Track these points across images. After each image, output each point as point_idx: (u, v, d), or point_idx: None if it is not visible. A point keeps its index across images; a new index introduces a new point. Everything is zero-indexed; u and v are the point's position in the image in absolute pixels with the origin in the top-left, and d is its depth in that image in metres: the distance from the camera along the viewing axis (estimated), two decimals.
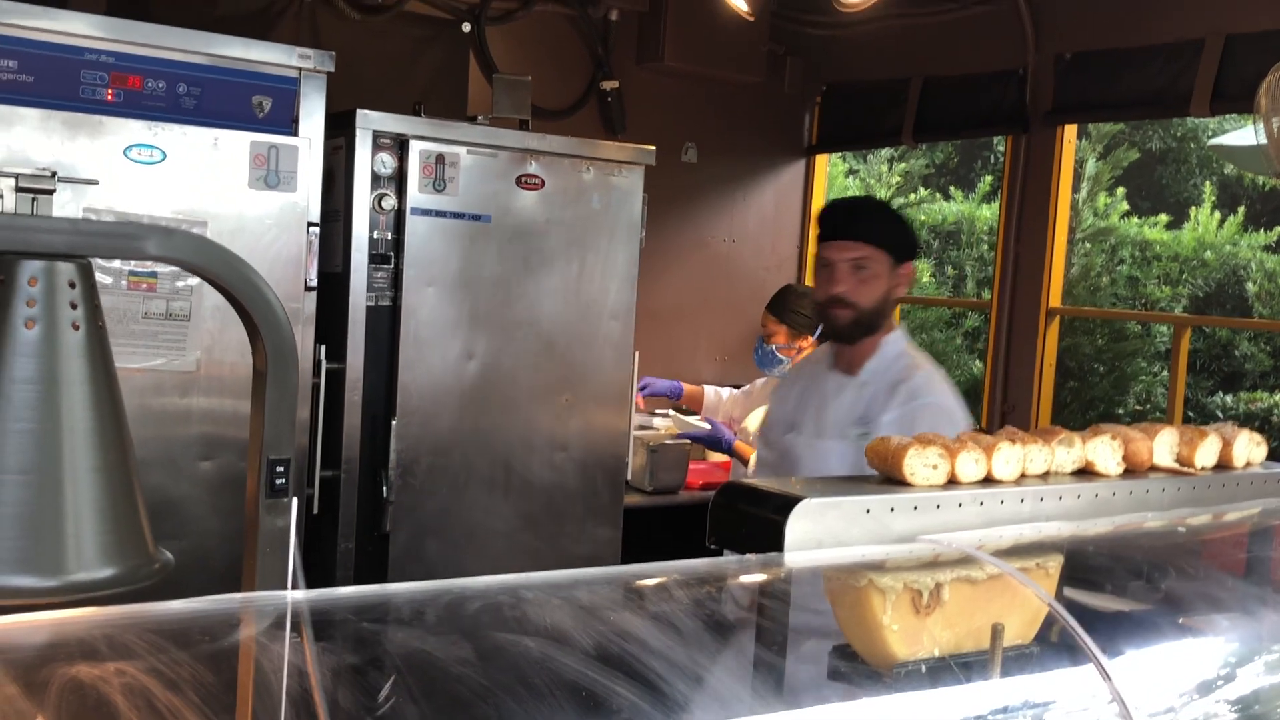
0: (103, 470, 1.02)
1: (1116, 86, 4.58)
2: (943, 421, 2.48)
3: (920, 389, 2.57)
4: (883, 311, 2.65)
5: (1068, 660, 1.42)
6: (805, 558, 1.39)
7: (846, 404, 2.62)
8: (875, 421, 2.51)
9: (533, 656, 1.05)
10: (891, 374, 2.62)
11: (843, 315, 2.61)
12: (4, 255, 0.99)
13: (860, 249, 2.60)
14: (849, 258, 2.59)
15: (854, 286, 2.59)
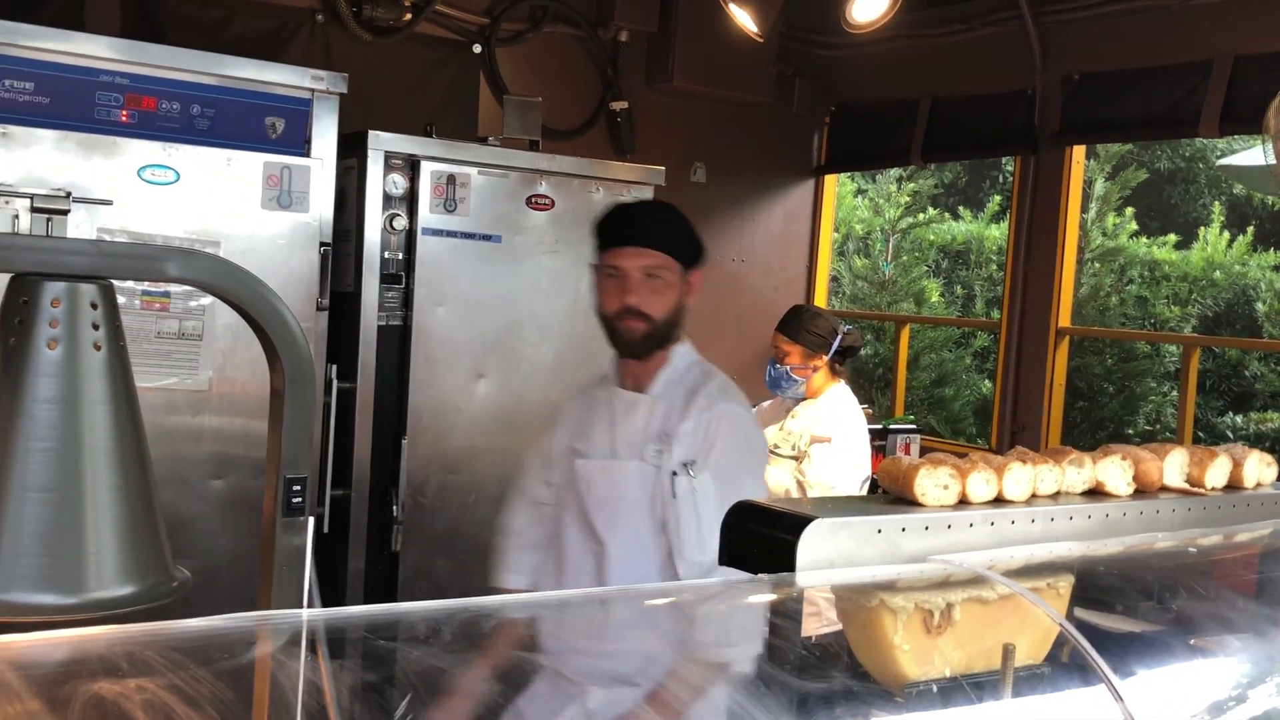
0: (123, 489, 1.03)
1: (1125, 107, 4.60)
2: (744, 429, 2.42)
3: (717, 396, 2.43)
4: (676, 322, 2.47)
5: (1079, 680, 1.42)
6: (817, 578, 1.39)
7: (640, 422, 2.43)
8: (673, 435, 2.35)
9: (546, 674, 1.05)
10: (685, 384, 2.47)
11: (635, 328, 2.41)
12: (28, 276, 1.00)
13: (652, 256, 2.38)
14: (641, 265, 2.37)
15: (647, 297, 2.38)
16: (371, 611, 1.24)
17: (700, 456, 2.29)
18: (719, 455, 2.30)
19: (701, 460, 2.29)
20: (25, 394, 1.00)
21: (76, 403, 1.01)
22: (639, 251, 2.38)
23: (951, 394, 9.08)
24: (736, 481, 2.20)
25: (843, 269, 9.67)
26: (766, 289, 5.76)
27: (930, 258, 9.93)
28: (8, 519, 0.97)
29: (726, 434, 2.33)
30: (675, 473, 2.28)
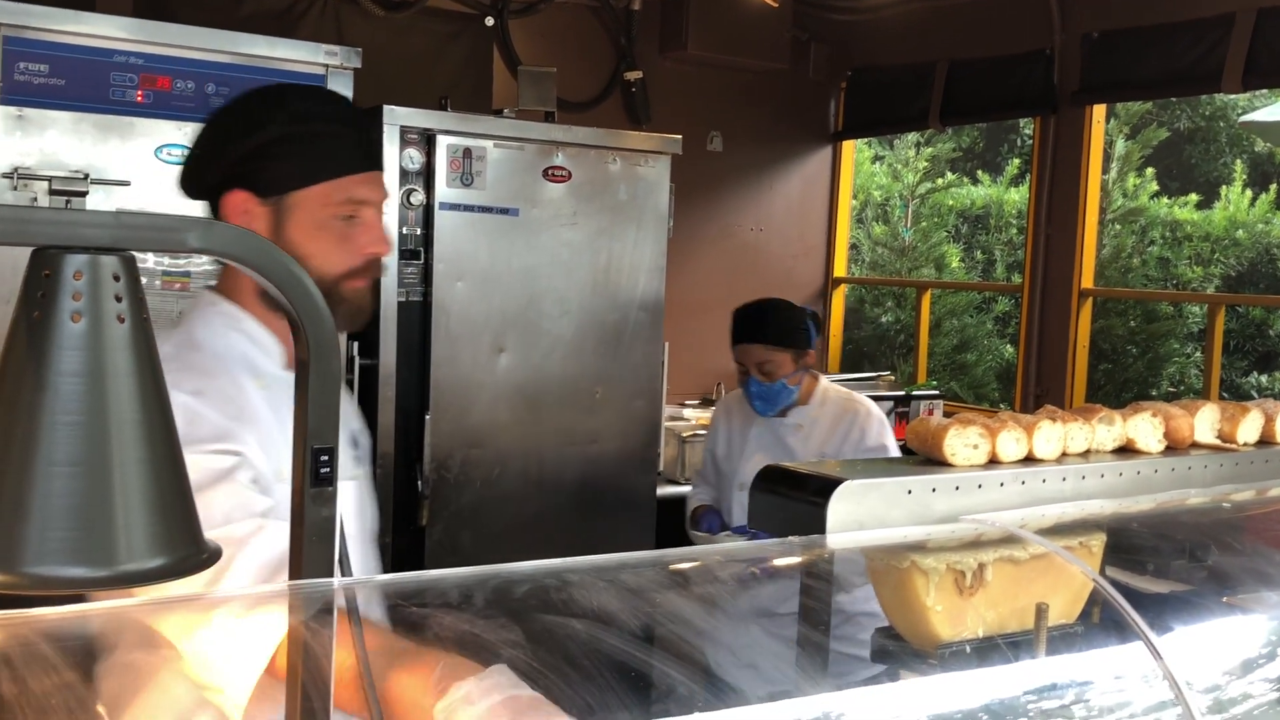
0: (151, 461, 1.03)
1: (1145, 65, 4.54)
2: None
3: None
4: None
5: (1115, 638, 1.41)
6: (847, 539, 1.38)
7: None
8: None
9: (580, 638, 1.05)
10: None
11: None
12: (49, 250, 1.00)
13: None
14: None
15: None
16: (404, 579, 1.24)
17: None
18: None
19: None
20: (50, 368, 0.99)
21: (101, 375, 1.00)
22: (381, 177, 1.91)
23: (974, 359, 9.04)
24: None
25: (862, 236, 9.62)
26: (786, 258, 5.74)
27: (950, 223, 9.86)
28: (37, 493, 0.96)
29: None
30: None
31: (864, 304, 9.03)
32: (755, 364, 3.39)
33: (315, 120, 1.65)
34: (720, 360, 5.53)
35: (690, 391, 5.30)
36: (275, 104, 1.66)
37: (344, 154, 1.67)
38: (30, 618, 0.93)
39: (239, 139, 1.64)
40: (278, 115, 1.64)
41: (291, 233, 1.64)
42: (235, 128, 1.66)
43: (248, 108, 1.67)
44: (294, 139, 1.63)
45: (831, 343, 5.88)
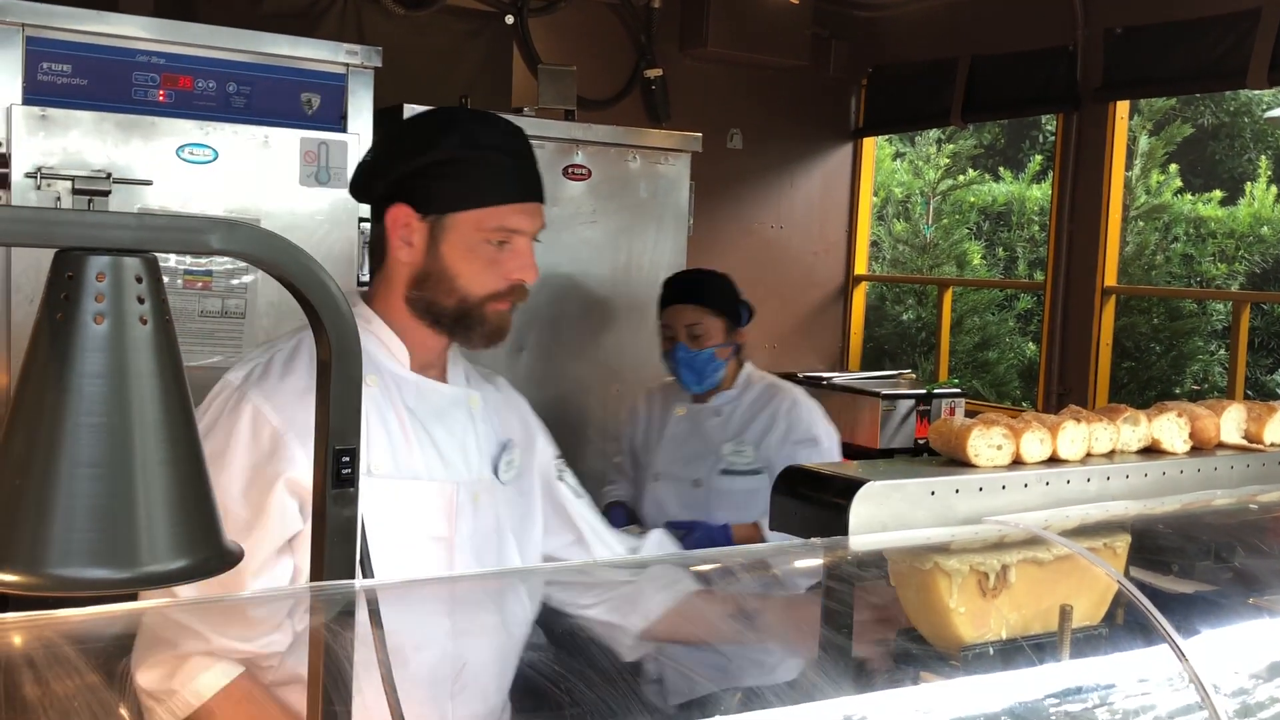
0: (173, 463, 1.03)
1: (1169, 61, 4.50)
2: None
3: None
4: None
5: (1140, 640, 1.39)
6: (869, 541, 1.37)
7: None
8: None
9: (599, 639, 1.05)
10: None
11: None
12: (72, 251, 1.00)
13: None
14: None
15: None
16: (424, 580, 1.24)
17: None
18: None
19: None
20: (73, 369, 0.99)
21: (124, 377, 1.00)
22: (541, 208, 1.98)
23: (995, 357, 9.00)
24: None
25: (882, 233, 9.59)
26: (806, 255, 5.72)
27: (971, 220, 9.82)
28: (60, 495, 0.96)
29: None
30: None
31: (885, 301, 9.00)
32: (685, 326, 3.15)
33: (483, 147, 1.70)
34: None
35: None
36: (447, 126, 1.72)
37: (504, 182, 1.72)
38: (54, 619, 0.93)
39: (408, 156, 1.70)
40: (448, 138, 1.70)
41: (445, 251, 1.70)
42: (406, 144, 1.72)
43: (421, 126, 1.74)
44: (459, 163, 1.69)
45: (852, 340, 5.86)
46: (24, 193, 2.88)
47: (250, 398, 1.64)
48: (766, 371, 3.39)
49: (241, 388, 1.66)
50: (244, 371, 1.70)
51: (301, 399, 1.60)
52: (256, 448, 1.61)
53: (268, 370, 1.68)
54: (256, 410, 1.62)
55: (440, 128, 1.72)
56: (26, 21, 2.89)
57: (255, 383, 1.66)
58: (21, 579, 0.98)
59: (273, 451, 1.60)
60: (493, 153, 1.70)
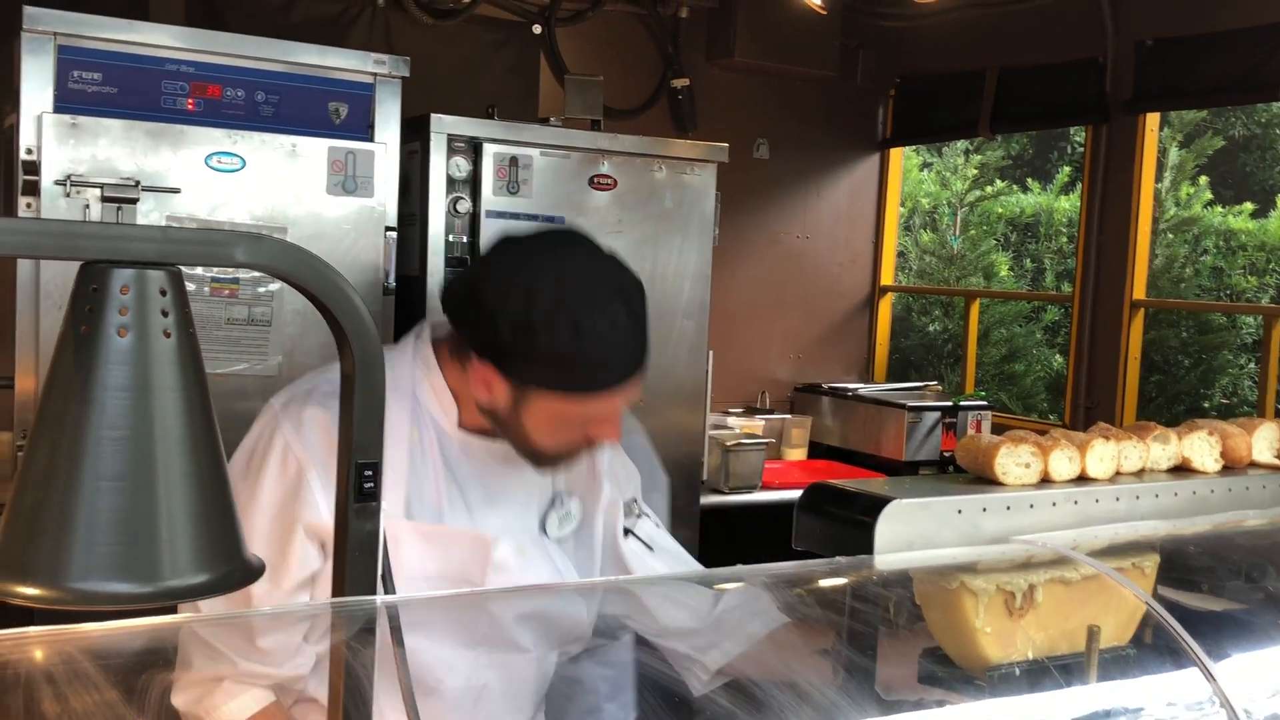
0: (195, 476, 1.03)
1: (1201, 73, 4.47)
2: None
3: None
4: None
5: (1169, 662, 1.38)
6: (896, 560, 1.36)
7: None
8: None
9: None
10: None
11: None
12: (96, 264, 1.00)
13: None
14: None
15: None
16: (448, 596, 1.23)
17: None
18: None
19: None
20: (96, 382, 0.99)
21: (148, 390, 1.00)
22: (639, 380, 1.71)
23: (1022, 369, 8.94)
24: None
25: (909, 244, 9.54)
26: (832, 265, 5.70)
27: (998, 231, 9.76)
28: (83, 508, 0.96)
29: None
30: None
31: (911, 312, 8.95)
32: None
33: (593, 339, 1.55)
34: (763, 369, 5.51)
35: (734, 400, 5.28)
36: (557, 312, 1.55)
37: (608, 376, 1.61)
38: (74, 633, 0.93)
39: (511, 325, 1.56)
40: (557, 324, 1.54)
41: (524, 416, 1.62)
42: (513, 307, 1.56)
43: (533, 296, 1.56)
44: (564, 356, 1.56)
45: (878, 352, 5.83)
46: (53, 200, 2.90)
47: (283, 430, 1.62)
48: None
49: (279, 416, 1.64)
50: (285, 398, 1.68)
51: (330, 434, 1.52)
52: (283, 484, 1.59)
53: (306, 399, 1.64)
54: (286, 445, 1.60)
55: (547, 310, 1.54)
56: (58, 30, 2.91)
57: (291, 413, 1.63)
58: (43, 592, 0.98)
59: (296, 491, 1.58)
60: (603, 344, 1.56)
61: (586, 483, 1.83)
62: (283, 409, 1.66)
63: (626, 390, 1.65)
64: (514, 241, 1.64)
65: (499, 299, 1.57)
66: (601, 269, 1.65)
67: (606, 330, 1.57)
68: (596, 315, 1.57)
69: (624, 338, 1.61)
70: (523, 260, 1.61)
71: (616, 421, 1.66)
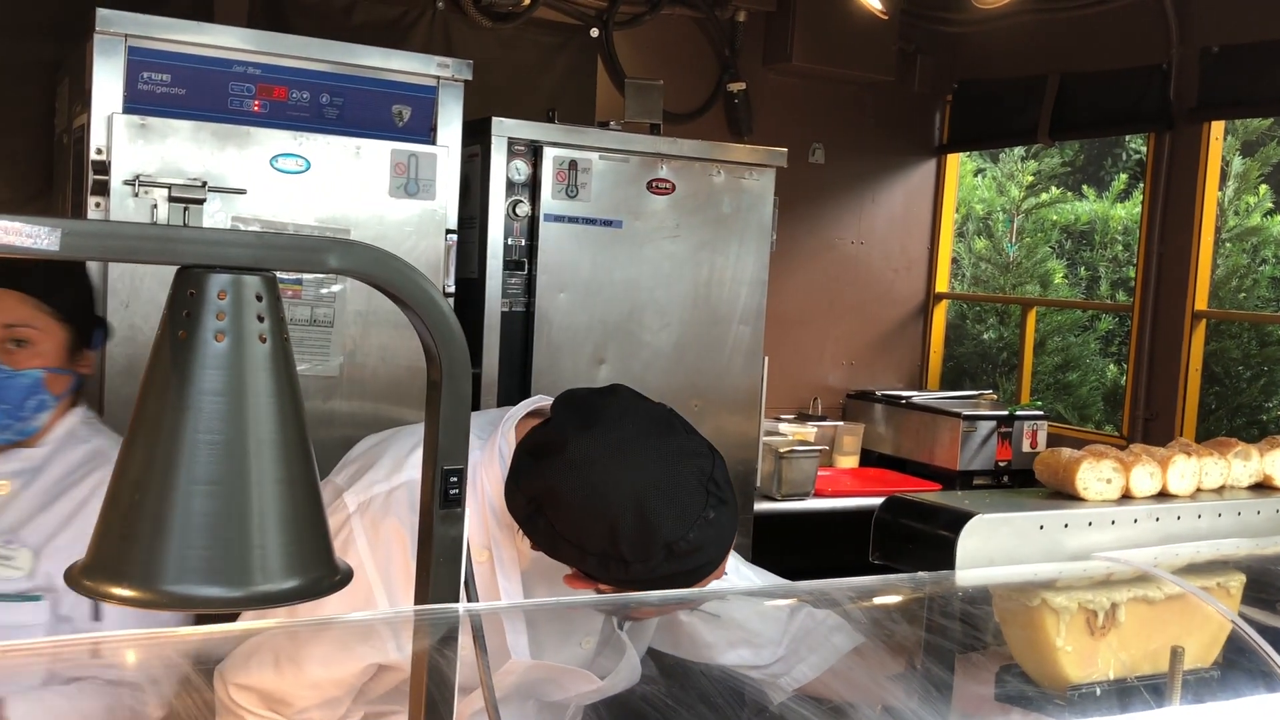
0: (287, 482, 1.03)
1: (1267, 80, 4.39)
2: None
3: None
4: None
5: (1258, 684, 1.35)
6: (977, 575, 1.34)
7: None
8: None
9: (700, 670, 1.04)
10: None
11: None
12: (194, 269, 1.00)
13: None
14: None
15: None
16: (524, 606, 1.23)
17: None
18: None
19: None
20: (192, 387, 1.00)
21: (242, 395, 1.00)
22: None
23: (1077, 379, 8.83)
24: None
25: (963, 250, 9.46)
26: (887, 271, 5.66)
27: (1054, 238, 9.65)
28: (177, 511, 0.97)
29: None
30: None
31: (965, 320, 8.87)
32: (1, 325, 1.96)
33: (692, 554, 1.44)
34: (816, 374, 5.48)
35: (786, 406, 5.25)
36: (648, 538, 1.42)
37: (710, 568, 1.48)
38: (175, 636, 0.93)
39: (599, 558, 1.45)
40: (653, 554, 1.43)
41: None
42: (597, 544, 1.44)
43: (617, 531, 1.43)
44: (665, 574, 1.45)
45: (932, 359, 5.78)
46: (122, 200, 2.93)
47: (357, 544, 1.51)
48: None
49: (353, 526, 1.53)
50: (362, 498, 1.55)
51: (405, 548, 1.49)
52: (352, 603, 1.46)
53: (386, 512, 1.52)
54: (360, 562, 1.49)
55: (640, 542, 1.43)
56: (129, 32, 2.94)
57: (367, 528, 1.51)
58: (137, 594, 0.98)
59: (367, 631, 1.47)
60: (697, 556, 1.45)
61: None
62: (359, 514, 1.53)
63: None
64: (566, 445, 1.47)
65: (579, 533, 1.44)
66: (675, 464, 1.49)
67: (702, 539, 1.45)
68: (692, 533, 1.45)
69: (718, 533, 1.48)
70: (589, 480, 1.45)
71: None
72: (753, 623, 1.65)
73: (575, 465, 1.44)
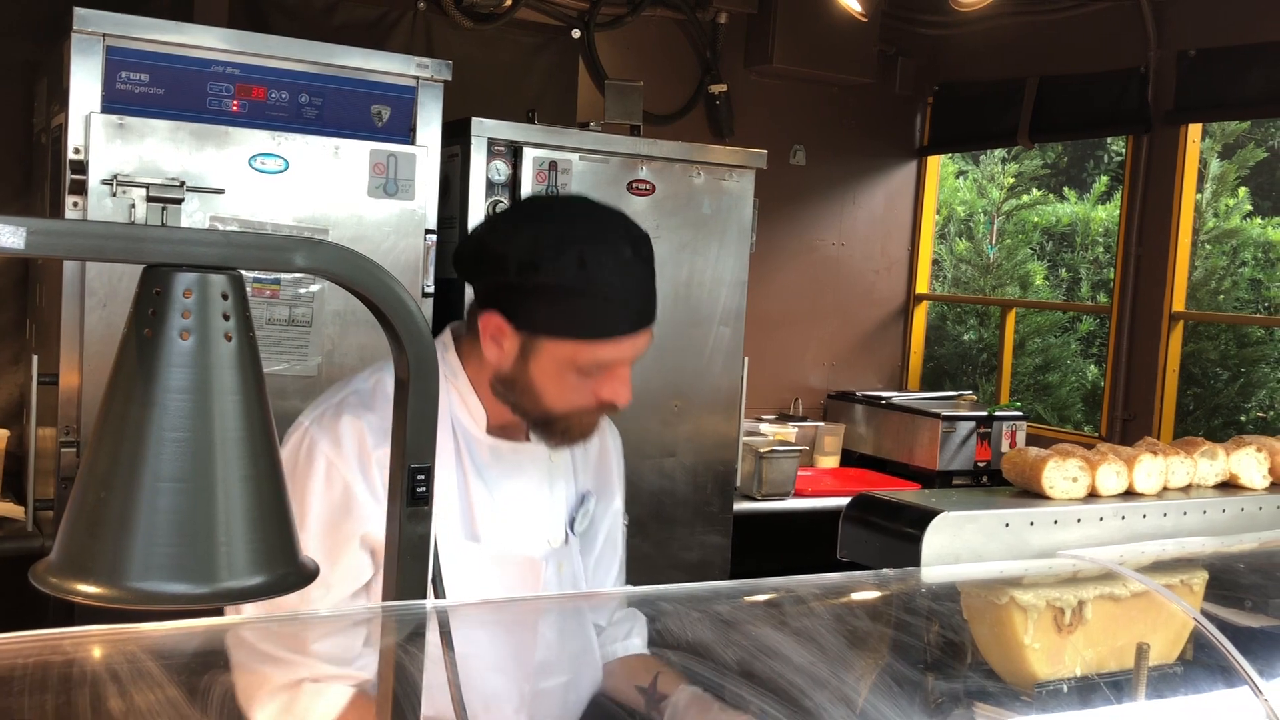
0: (253, 479, 1.03)
1: (1244, 84, 4.43)
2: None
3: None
4: None
5: (1220, 681, 1.36)
6: (942, 573, 1.36)
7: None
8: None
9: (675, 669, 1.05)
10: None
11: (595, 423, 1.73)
12: (160, 267, 1.01)
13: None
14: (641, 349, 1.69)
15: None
16: (494, 602, 1.24)
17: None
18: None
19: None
20: (158, 385, 1.00)
21: (208, 393, 1.01)
22: (645, 334, 1.68)
23: (1057, 380, 8.87)
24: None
25: (944, 252, 9.50)
26: (867, 273, 5.68)
27: (1034, 240, 9.70)
28: (143, 509, 0.97)
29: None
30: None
31: (945, 321, 8.90)
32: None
33: (601, 279, 1.54)
34: (798, 375, 5.50)
35: (768, 406, 5.27)
36: (559, 246, 1.55)
37: (609, 319, 1.58)
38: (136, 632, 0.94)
39: (518, 265, 1.56)
40: (558, 261, 1.54)
41: (533, 369, 1.60)
42: (521, 254, 1.56)
43: (539, 237, 1.56)
44: (570, 293, 1.54)
45: (912, 360, 5.81)
46: (100, 199, 2.93)
47: (321, 447, 1.59)
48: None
49: (312, 433, 1.62)
50: (315, 413, 1.65)
51: (362, 444, 1.57)
52: (330, 502, 1.58)
53: (338, 415, 1.62)
54: (329, 463, 1.59)
55: (560, 249, 1.54)
56: (107, 31, 2.94)
57: (326, 427, 1.61)
58: (103, 591, 0.99)
59: (346, 507, 1.57)
60: (603, 285, 1.54)
61: (603, 482, 1.88)
62: (315, 424, 1.62)
63: (634, 341, 1.62)
64: (522, 200, 1.75)
65: (505, 244, 1.58)
66: (608, 217, 1.65)
67: (614, 269, 1.56)
68: (604, 253, 1.56)
69: (632, 280, 1.59)
70: (530, 211, 1.65)
71: (626, 380, 1.63)
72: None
73: (517, 204, 1.73)
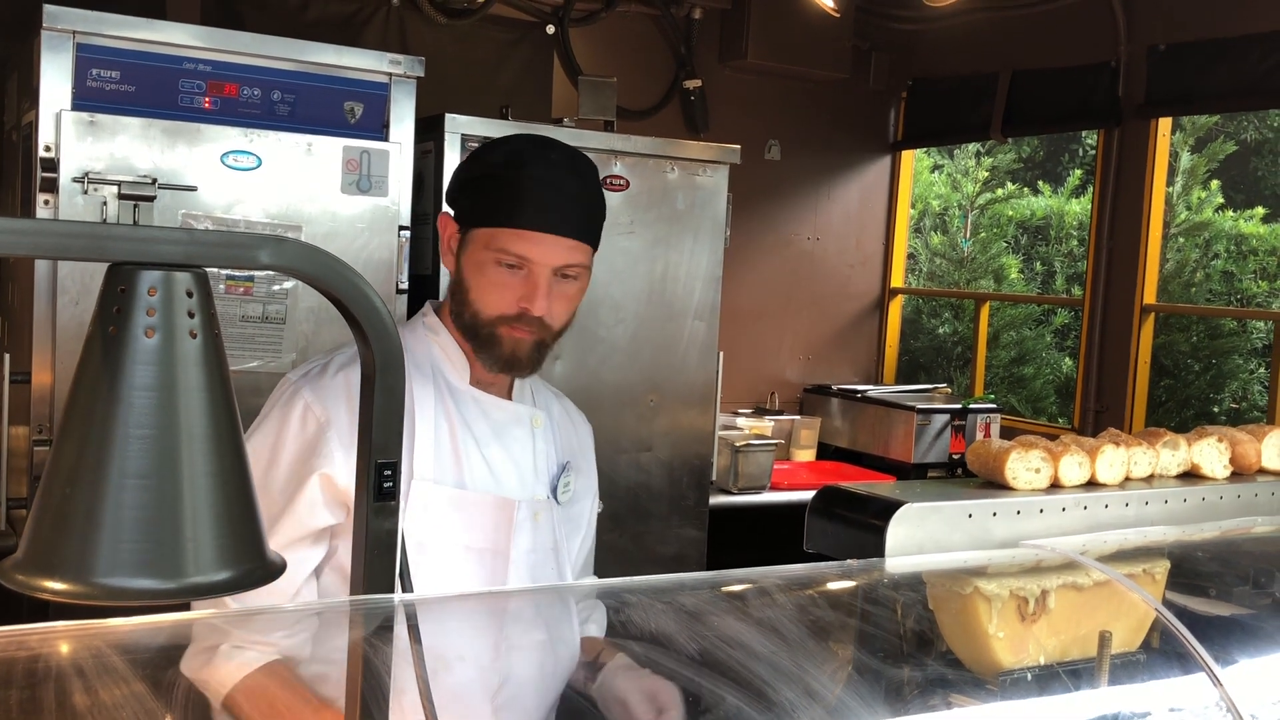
0: (219, 475, 1.04)
1: (1214, 78, 4.47)
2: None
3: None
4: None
5: (1177, 668, 1.39)
6: (906, 563, 1.37)
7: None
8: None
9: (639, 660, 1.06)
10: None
11: (526, 340, 1.71)
12: (125, 265, 1.01)
13: (578, 251, 1.70)
14: (559, 264, 1.68)
15: (558, 304, 1.70)
16: (463, 596, 1.25)
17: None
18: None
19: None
20: (124, 382, 1.01)
21: (173, 390, 1.02)
22: (562, 243, 1.66)
23: (1031, 372, 8.93)
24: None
25: (919, 246, 9.55)
26: (842, 267, 5.71)
27: (1009, 233, 9.76)
28: (109, 505, 0.98)
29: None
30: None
31: (921, 315, 8.95)
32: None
33: (517, 168, 1.66)
34: (775, 369, 5.52)
35: (744, 400, 5.29)
36: (500, 143, 1.74)
37: (518, 206, 1.64)
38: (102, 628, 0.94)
39: (463, 167, 1.77)
40: (492, 154, 1.72)
41: (464, 263, 1.73)
42: (469, 158, 1.78)
43: (494, 146, 1.75)
44: (488, 180, 1.68)
45: (887, 354, 5.84)
46: (71, 197, 2.93)
47: (303, 393, 1.69)
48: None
49: (298, 383, 1.72)
50: (303, 370, 1.75)
51: (349, 399, 1.65)
52: (302, 439, 1.66)
53: (324, 370, 1.73)
54: (307, 405, 1.67)
55: (496, 145, 1.73)
56: (77, 29, 2.93)
57: (311, 380, 1.71)
58: (70, 587, 1.00)
59: (315, 446, 1.64)
60: (522, 175, 1.64)
61: (581, 457, 1.97)
62: (302, 377, 1.73)
63: (552, 244, 1.66)
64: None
65: (465, 157, 1.77)
66: (558, 141, 1.75)
67: (540, 166, 1.67)
68: (534, 154, 1.69)
69: (554, 179, 1.67)
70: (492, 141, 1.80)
71: (540, 288, 1.67)
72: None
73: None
